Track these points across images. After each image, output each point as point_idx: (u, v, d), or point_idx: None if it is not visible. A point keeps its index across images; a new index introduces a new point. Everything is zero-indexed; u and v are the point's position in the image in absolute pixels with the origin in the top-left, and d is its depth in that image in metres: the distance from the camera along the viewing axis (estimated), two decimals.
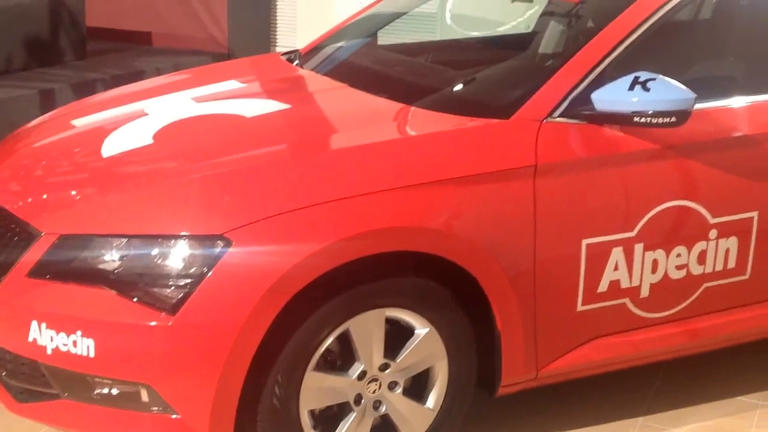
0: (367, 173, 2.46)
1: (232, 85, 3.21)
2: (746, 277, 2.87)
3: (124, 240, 2.32)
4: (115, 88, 3.59)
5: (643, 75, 2.57)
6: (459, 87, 2.99)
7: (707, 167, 2.76)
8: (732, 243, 2.81)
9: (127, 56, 6.30)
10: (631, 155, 2.66)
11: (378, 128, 2.73)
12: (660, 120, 2.55)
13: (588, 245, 2.63)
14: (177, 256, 2.28)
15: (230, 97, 3.03)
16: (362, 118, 2.83)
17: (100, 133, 2.80)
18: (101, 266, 2.32)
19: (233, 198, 2.37)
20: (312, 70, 3.32)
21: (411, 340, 2.52)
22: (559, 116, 2.63)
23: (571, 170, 2.61)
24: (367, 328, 2.45)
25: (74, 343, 2.29)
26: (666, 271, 2.74)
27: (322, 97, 3.12)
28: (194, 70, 3.87)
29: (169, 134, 2.74)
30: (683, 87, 2.55)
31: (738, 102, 2.86)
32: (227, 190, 2.40)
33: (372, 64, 3.39)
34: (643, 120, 2.55)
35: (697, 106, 2.64)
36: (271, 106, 2.91)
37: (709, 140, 2.77)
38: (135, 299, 2.27)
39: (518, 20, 3.88)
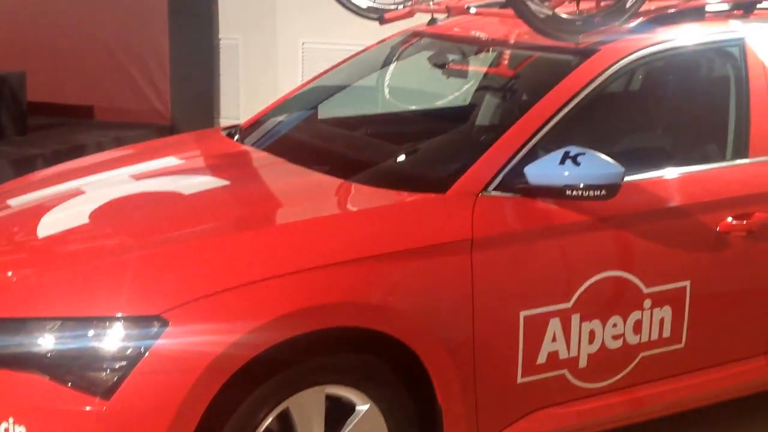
0: (304, 249, 2.47)
1: (171, 161, 3.22)
2: (681, 345, 2.92)
3: (58, 323, 2.29)
4: (55, 166, 3.57)
5: (573, 150, 2.63)
6: (396, 161, 3.03)
7: (639, 238, 2.82)
8: (666, 312, 2.86)
9: (68, 131, 6.28)
10: (565, 227, 2.72)
11: (316, 204, 2.75)
12: (591, 193, 2.61)
13: (526, 317, 2.66)
14: (112, 338, 2.25)
15: (169, 174, 3.04)
16: (300, 193, 2.85)
17: (37, 212, 2.78)
18: (35, 350, 2.28)
19: (169, 277, 2.36)
20: (252, 145, 3.35)
21: (352, 417, 2.51)
22: (494, 190, 2.68)
23: (507, 243, 2.65)
24: (307, 407, 2.43)
25: (6, 431, 2.23)
26: (603, 341, 2.78)
27: (261, 173, 3.14)
28: (133, 147, 3.87)
29: (106, 213, 2.73)
30: (612, 161, 2.63)
31: (668, 173, 2.94)
32: (163, 269, 2.39)
33: (311, 139, 3.43)
34: (574, 193, 2.61)
35: (629, 178, 2.72)
36: (210, 182, 2.92)
37: (640, 211, 2.84)
38: (69, 384, 2.23)
39: (455, 94, 3.96)
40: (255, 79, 6.27)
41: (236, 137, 3.47)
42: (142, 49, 6.48)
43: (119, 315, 2.27)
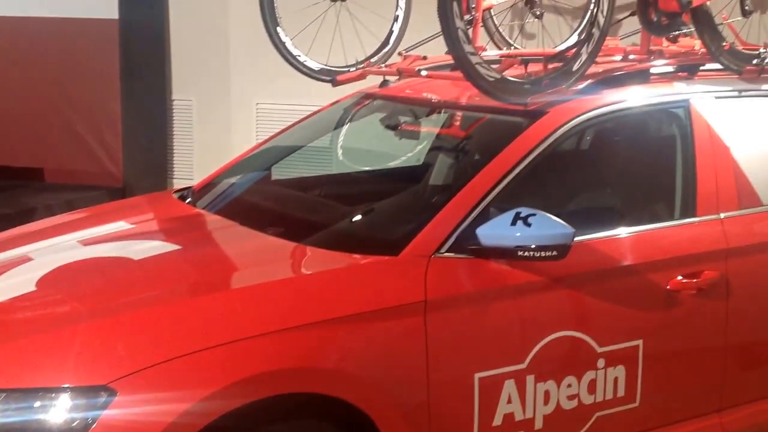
0: (256, 315, 2.44)
1: (121, 226, 3.18)
2: (636, 404, 2.92)
3: (3, 394, 2.22)
4: (2, 232, 3.50)
5: (524, 211, 2.66)
6: (349, 224, 3.03)
7: (592, 297, 2.84)
8: (620, 371, 2.87)
9: (17, 194, 6.19)
10: (517, 288, 2.73)
11: (268, 268, 2.73)
12: (542, 254, 2.63)
13: (481, 379, 2.65)
14: (59, 409, 2.19)
15: (118, 239, 3.00)
16: (253, 257, 2.83)
17: None
18: None
19: (117, 346, 2.31)
20: (204, 208, 3.33)
21: None
22: (447, 252, 2.69)
23: (461, 305, 2.65)
24: None
25: None
26: (558, 401, 2.78)
27: (213, 237, 3.12)
28: (83, 211, 3.83)
29: (54, 280, 2.68)
30: (562, 222, 2.65)
31: (618, 232, 2.97)
32: (111, 337, 2.34)
33: (265, 201, 3.42)
34: (526, 254, 2.63)
35: (580, 237, 2.75)
36: (160, 247, 2.89)
37: (592, 271, 2.86)
38: None
39: (408, 155, 3.99)
40: (209, 140, 6.26)
41: (188, 200, 3.44)
42: (94, 110, 6.43)
43: (66, 386, 2.21)
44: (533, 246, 2.62)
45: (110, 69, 6.31)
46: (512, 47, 4.19)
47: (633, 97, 3.13)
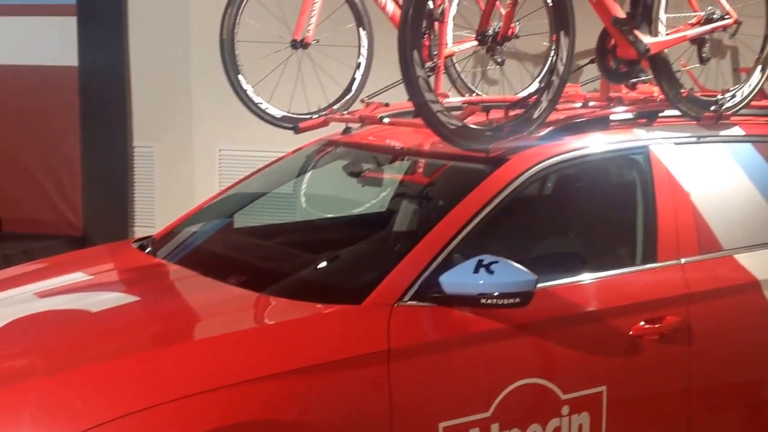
0: (217, 366, 2.40)
1: (79, 277, 3.13)
2: None
3: None
4: None
5: (487, 258, 2.66)
6: (312, 272, 3.00)
7: (555, 344, 2.84)
8: (584, 418, 2.85)
9: None
10: (481, 336, 2.71)
11: (229, 319, 2.69)
12: (505, 301, 2.62)
13: (445, 428, 2.62)
14: None
15: (76, 291, 2.95)
16: (213, 308, 2.80)
17: None
18: None
19: (75, 401, 2.25)
20: (165, 258, 3.28)
21: None
22: (410, 300, 2.68)
23: (424, 353, 2.63)
24: None
25: None
26: None
27: (172, 288, 3.08)
28: (40, 262, 3.75)
29: (8, 334, 2.62)
30: (525, 269, 2.65)
31: (581, 278, 2.98)
32: (68, 393, 2.28)
33: (226, 250, 3.38)
34: (489, 302, 2.63)
35: (543, 284, 2.75)
36: (119, 299, 2.85)
37: (555, 317, 2.85)
38: None
39: (371, 202, 3.99)
40: (171, 187, 6.21)
41: (148, 250, 3.40)
42: (53, 157, 6.36)
43: None
44: (496, 293, 2.61)
45: (70, 116, 6.26)
46: (474, 93, 4.23)
47: (593, 144, 3.16)
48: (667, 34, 3.34)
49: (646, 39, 3.25)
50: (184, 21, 5.96)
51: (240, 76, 3.67)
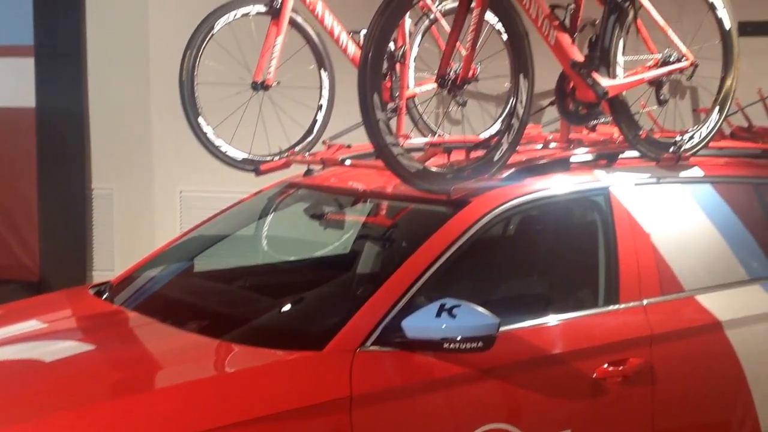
0: (175, 417, 2.35)
1: (33, 325, 3.05)
2: None
3: None
4: None
5: (449, 302, 2.64)
6: (273, 318, 2.97)
7: (519, 388, 2.81)
8: None
9: None
10: (444, 381, 2.68)
11: (188, 367, 2.63)
12: (468, 345, 2.60)
13: None
14: None
15: (29, 340, 2.88)
16: (172, 357, 2.74)
17: None
18: None
19: None
20: (122, 304, 3.22)
21: None
22: (372, 345, 2.65)
23: (387, 399, 2.60)
24: None
25: None
26: None
27: (130, 336, 3.01)
28: None
29: None
30: (487, 313, 2.63)
31: (544, 321, 2.96)
32: None
33: (186, 295, 3.33)
34: (452, 346, 2.61)
35: (507, 327, 2.74)
36: (74, 348, 2.79)
37: (519, 361, 2.83)
38: None
39: (334, 244, 3.96)
40: (130, 229, 6.11)
41: (105, 296, 3.33)
42: (9, 200, 6.24)
43: None
44: (459, 338, 2.59)
45: (27, 158, 6.16)
46: (437, 134, 4.24)
47: (554, 186, 3.17)
48: (625, 77, 3.38)
49: (605, 82, 3.28)
50: (144, 61, 5.93)
51: (200, 118, 3.64)
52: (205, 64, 3.65)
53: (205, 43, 3.61)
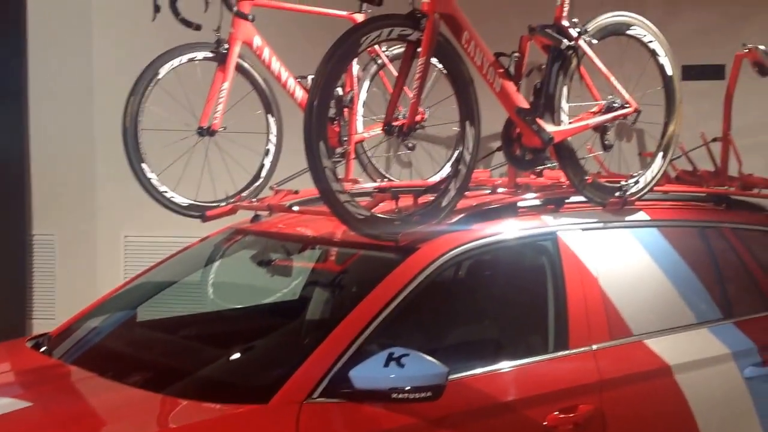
0: None
1: None
2: None
3: None
4: None
5: (398, 351, 2.60)
6: (217, 370, 2.89)
7: None
8: None
9: None
10: None
11: (129, 424, 2.55)
12: (417, 395, 2.56)
13: None
14: None
15: None
16: (112, 413, 2.64)
17: None
18: None
19: None
20: (61, 358, 3.11)
21: None
22: (320, 396, 2.60)
23: None
24: None
25: None
26: None
27: (68, 391, 2.90)
28: None
29: None
30: (436, 362, 2.60)
31: (494, 368, 2.93)
32: None
33: (127, 348, 3.24)
34: (401, 396, 2.56)
35: (456, 374, 2.71)
36: (8, 405, 2.67)
37: (469, 410, 2.80)
38: None
39: (282, 291, 3.91)
40: (72, 277, 5.96)
41: (43, 349, 3.22)
42: None
43: None
44: (407, 387, 2.55)
45: None
46: (386, 178, 4.23)
47: (502, 231, 3.16)
48: (569, 123, 3.41)
49: (550, 128, 3.31)
50: (88, 104, 5.85)
51: (144, 165, 3.58)
52: (149, 110, 3.59)
53: (150, 88, 3.56)
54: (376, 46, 3.98)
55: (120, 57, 5.64)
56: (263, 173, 3.94)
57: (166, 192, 3.66)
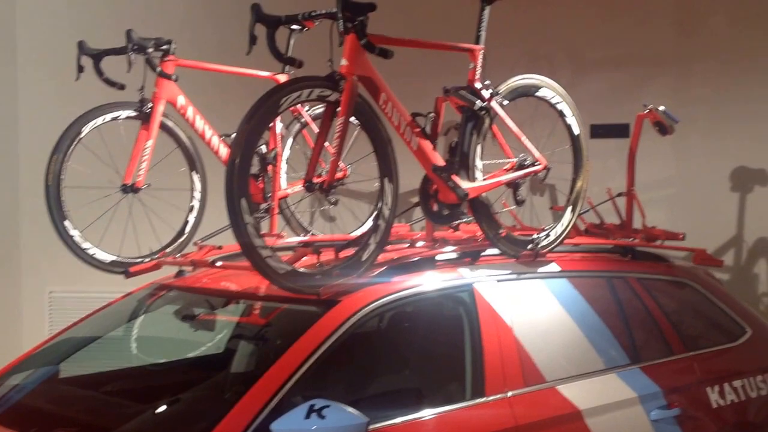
0: None
1: None
2: None
3: None
4: None
5: (319, 402, 2.65)
6: (139, 426, 2.90)
7: None
8: None
9: None
10: None
11: None
12: None
13: None
14: None
15: None
16: None
17: None
18: None
19: None
20: None
21: None
22: None
23: None
24: None
25: None
26: None
27: None
28: None
29: None
30: (356, 413, 2.66)
31: (415, 416, 2.99)
32: None
33: (49, 405, 3.22)
34: None
35: (377, 424, 2.77)
36: None
37: None
38: None
39: (207, 345, 3.93)
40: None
41: None
42: None
43: None
44: None
45: None
46: (310, 233, 4.31)
47: (421, 284, 3.27)
48: (483, 180, 3.55)
49: (465, 184, 3.44)
50: (13, 160, 5.83)
51: (66, 222, 3.60)
52: (72, 168, 3.63)
53: (72, 147, 3.60)
54: (299, 106, 4.10)
55: (45, 115, 5.66)
56: (187, 229, 3.99)
57: (88, 249, 3.68)
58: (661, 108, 4.70)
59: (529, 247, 3.64)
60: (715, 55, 5.60)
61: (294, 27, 3.71)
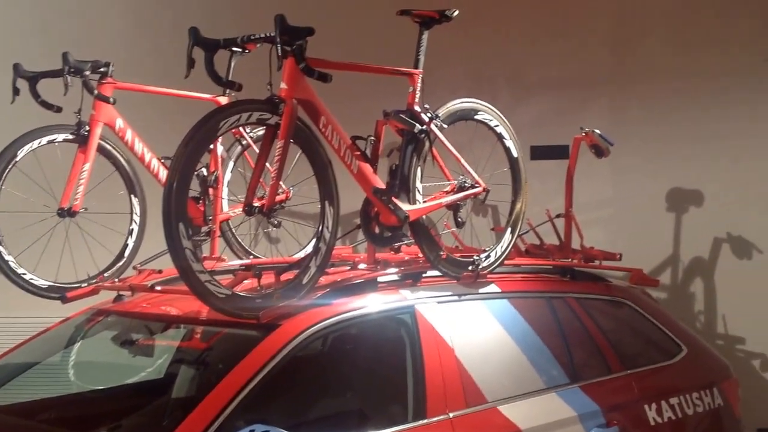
0: None
1: None
2: None
3: None
4: None
5: (258, 428, 2.64)
6: None
7: None
8: None
9: None
10: None
11: None
12: None
13: None
14: None
15: None
16: None
17: None
18: None
19: None
20: None
21: None
22: None
23: None
24: None
25: None
26: None
27: None
28: None
29: None
30: None
31: None
32: None
33: None
34: None
35: None
36: None
37: None
38: None
39: (147, 371, 3.88)
40: None
41: None
42: None
43: None
44: None
45: None
46: (251, 256, 4.29)
47: (363, 306, 3.27)
48: (424, 202, 3.57)
49: (405, 207, 3.46)
50: None
51: (1, 247, 3.53)
52: (7, 192, 3.57)
53: (8, 171, 3.54)
54: (241, 128, 4.09)
55: None
56: (127, 253, 3.94)
57: (24, 274, 3.62)
58: (597, 131, 4.79)
59: (470, 268, 3.67)
60: (649, 77, 5.73)
61: (235, 49, 3.71)
